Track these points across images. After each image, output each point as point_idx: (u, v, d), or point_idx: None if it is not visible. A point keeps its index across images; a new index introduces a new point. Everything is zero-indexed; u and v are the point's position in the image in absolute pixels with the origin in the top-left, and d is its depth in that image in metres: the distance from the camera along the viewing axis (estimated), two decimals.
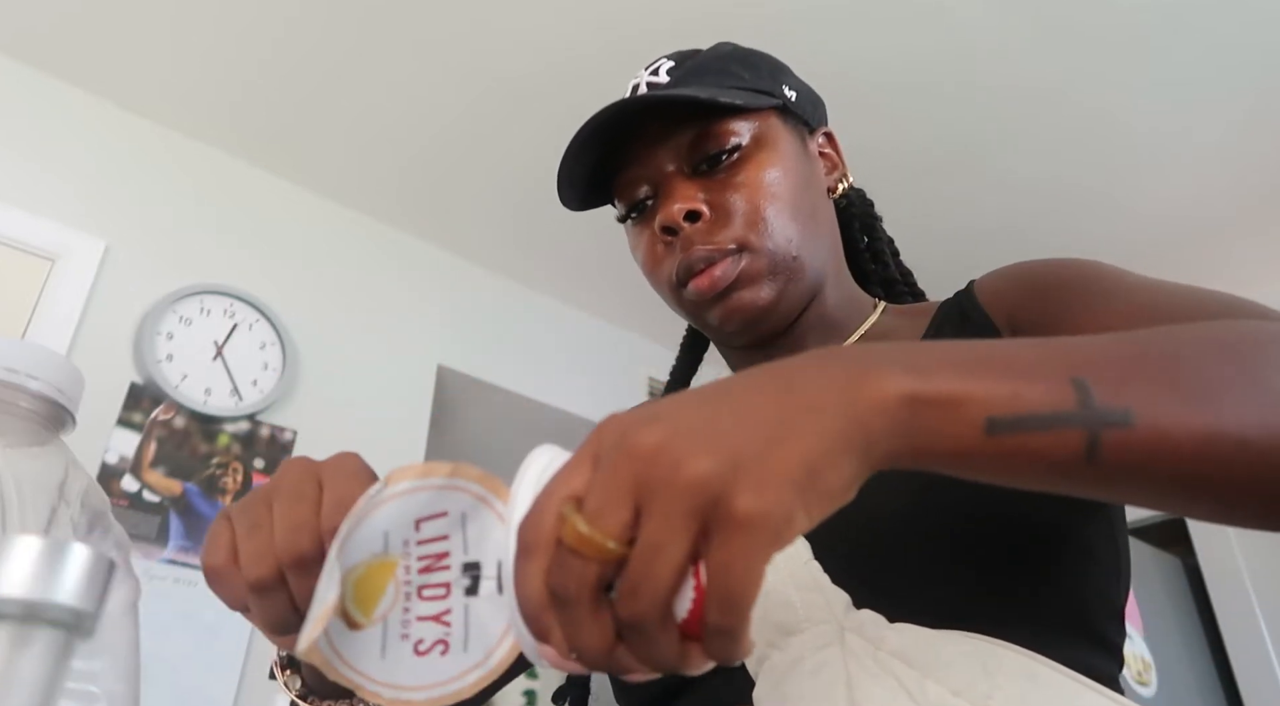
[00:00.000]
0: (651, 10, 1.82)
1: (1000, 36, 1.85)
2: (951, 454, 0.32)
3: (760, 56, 0.69)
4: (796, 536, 0.29)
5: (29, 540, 0.24)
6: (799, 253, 0.62)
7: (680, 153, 0.63)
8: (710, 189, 0.62)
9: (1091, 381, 0.33)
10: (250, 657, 1.76)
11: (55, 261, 1.84)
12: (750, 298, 0.61)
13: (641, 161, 0.64)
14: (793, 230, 0.62)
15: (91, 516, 0.48)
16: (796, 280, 0.63)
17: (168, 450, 1.84)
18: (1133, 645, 2.21)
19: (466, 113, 2.08)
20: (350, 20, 1.85)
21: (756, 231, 0.61)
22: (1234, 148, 2.12)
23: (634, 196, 0.66)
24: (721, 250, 0.60)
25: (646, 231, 0.66)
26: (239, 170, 2.22)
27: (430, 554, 0.37)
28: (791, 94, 0.68)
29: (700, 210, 0.61)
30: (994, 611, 0.48)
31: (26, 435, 0.46)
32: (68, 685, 0.34)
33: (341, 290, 2.28)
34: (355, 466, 0.41)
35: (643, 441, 0.29)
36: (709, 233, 0.61)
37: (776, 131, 0.65)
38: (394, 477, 0.36)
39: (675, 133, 0.63)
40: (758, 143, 0.63)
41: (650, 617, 0.28)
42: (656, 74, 0.66)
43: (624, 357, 2.80)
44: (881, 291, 0.75)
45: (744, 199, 0.61)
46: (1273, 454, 0.33)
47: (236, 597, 0.39)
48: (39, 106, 1.96)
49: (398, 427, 2.21)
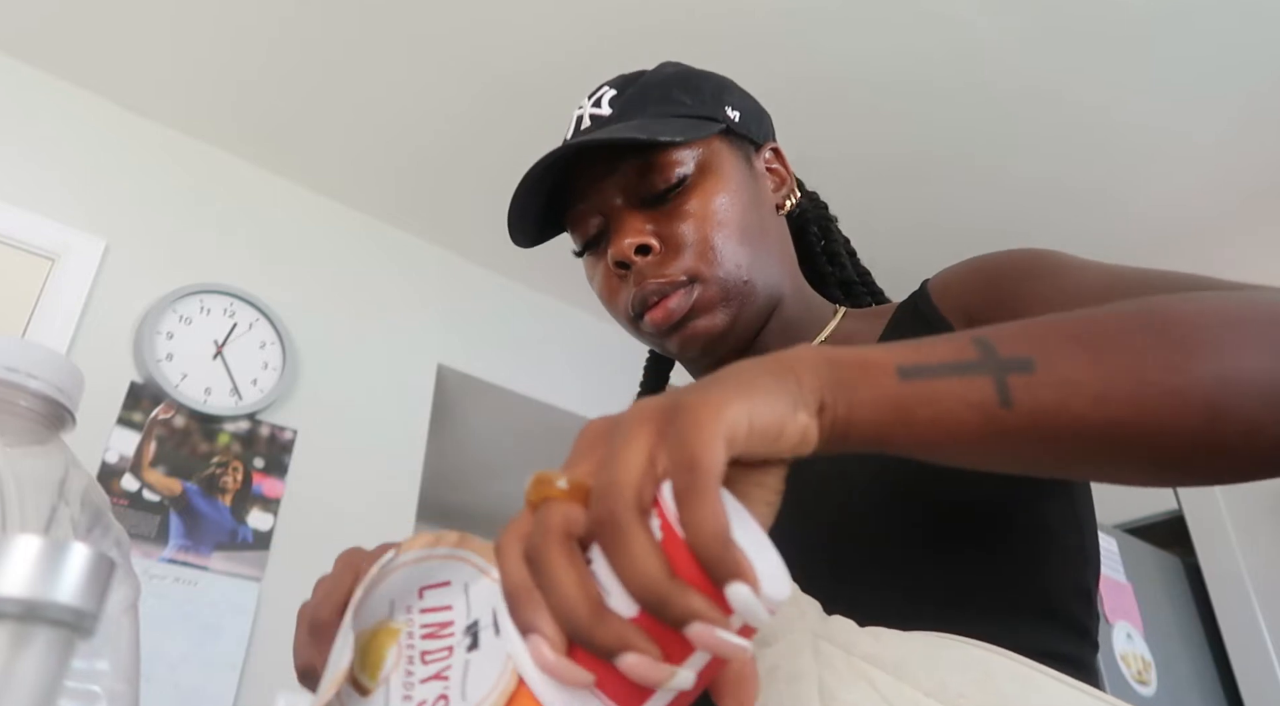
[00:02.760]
0: (647, 7, 1.82)
1: (997, 36, 1.85)
2: (873, 401, 0.34)
3: (703, 77, 0.69)
4: (746, 436, 0.30)
5: (29, 539, 0.24)
6: (750, 276, 0.63)
7: (627, 186, 0.63)
8: (659, 220, 0.63)
9: (994, 341, 0.36)
10: (250, 657, 1.75)
11: (55, 260, 1.84)
12: (706, 325, 0.62)
13: (590, 197, 0.65)
14: (742, 255, 0.62)
15: (91, 515, 0.48)
16: (750, 303, 0.63)
17: (168, 449, 1.84)
18: (1132, 644, 2.21)
19: (466, 111, 2.08)
20: (349, 19, 1.85)
21: (707, 261, 0.61)
22: (1233, 146, 2.12)
23: (587, 231, 0.66)
24: (673, 283, 0.61)
25: (601, 264, 0.66)
26: (240, 170, 2.22)
27: (433, 622, 0.37)
28: (735, 115, 0.68)
29: (650, 244, 0.62)
30: (956, 597, 0.50)
31: (26, 434, 0.46)
32: (68, 684, 0.34)
33: (342, 289, 2.28)
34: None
35: (600, 421, 0.34)
36: (660, 265, 0.62)
37: (721, 156, 0.65)
38: (405, 546, 0.37)
39: (620, 166, 0.63)
40: (702, 171, 0.63)
41: (621, 514, 0.28)
42: (599, 105, 0.66)
43: (624, 357, 2.80)
44: (840, 293, 0.75)
45: (693, 229, 0.62)
46: (1171, 410, 0.34)
47: None
48: (39, 105, 1.96)
49: (398, 427, 2.21)
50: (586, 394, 2.61)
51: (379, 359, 2.26)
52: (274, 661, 1.79)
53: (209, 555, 1.80)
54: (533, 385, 2.53)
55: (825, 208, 0.78)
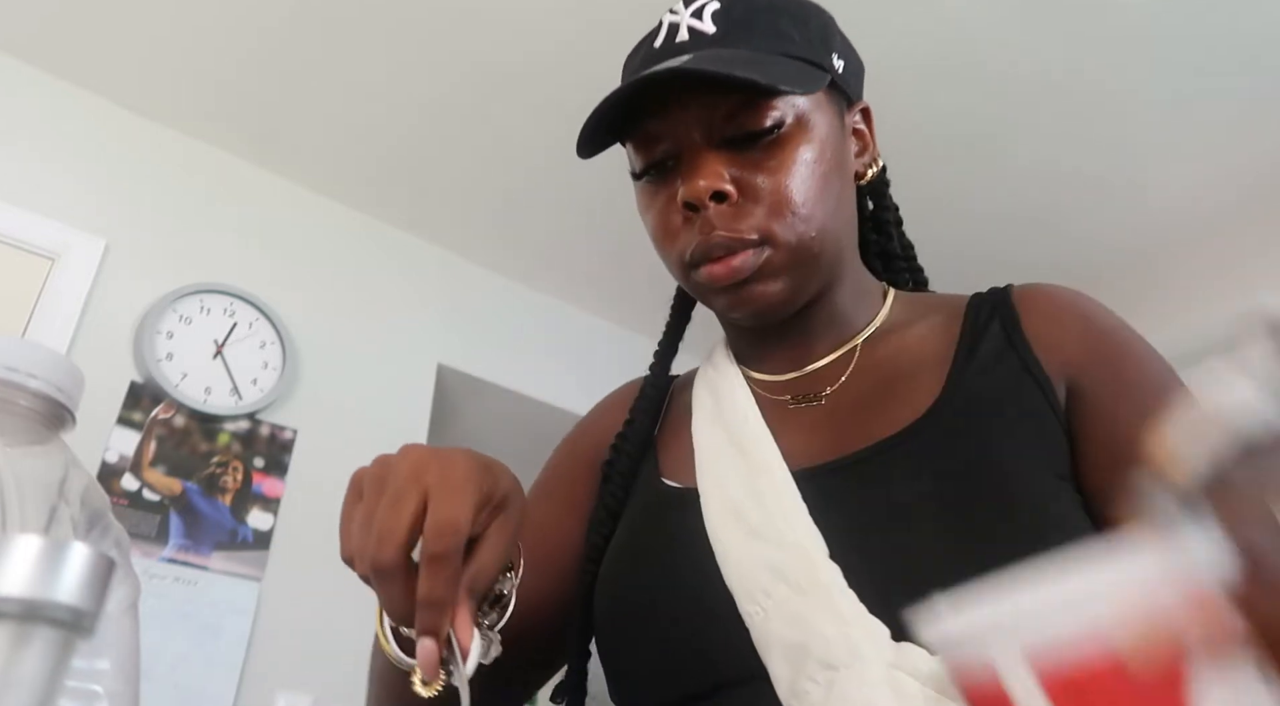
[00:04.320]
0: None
1: (1006, 20, 1.85)
2: None
3: (809, 8, 0.63)
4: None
5: (29, 539, 0.24)
6: (820, 248, 0.59)
7: (714, 121, 0.57)
8: (740, 166, 0.57)
9: None
10: (250, 657, 1.75)
11: (55, 260, 1.84)
12: (763, 291, 0.58)
13: (667, 119, 0.58)
14: (818, 223, 0.58)
15: (91, 515, 0.48)
16: (813, 276, 0.60)
17: (168, 449, 1.84)
18: None
19: (466, 111, 2.08)
20: (349, 18, 1.85)
21: (782, 222, 0.57)
22: (1245, 132, 2.11)
23: (652, 154, 0.60)
24: (743, 240, 0.57)
25: (662, 197, 0.60)
26: (240, 169, 2.22)
27: None
28: (839, 64, 0.62)
29: (727, 191, 0.56)
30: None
31: (26, 434, 0.46)
32: (68, 684, 0.34)
33: (342, 289, 2.28)
34: (462, 476, 0.43)
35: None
36: (733, 218, 0.57)
37: (819, 109, 0.60)
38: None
39: (711, 97, 0.57)
40: (799, 122, 0.58)
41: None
42: (700, 17, 0.59)
43: (624, 357, 2.80)
44: (879, 264, 0.72)
45: (774, 185, 0.57)
46: None
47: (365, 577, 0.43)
48: (39, 105, 1.95)
49: (397, 426, 2.21)
50: (586, 394, 2.60)
51: (379, 359, 2.26)
52: (274, 661, 1.79)
53: (209, 555, 1.80)
54: (533, 385, 2.53)
55: (884, 171, 0.72)
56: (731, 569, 0.52)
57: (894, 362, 0.61)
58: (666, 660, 0.55)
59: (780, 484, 0.55)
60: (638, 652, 0.57)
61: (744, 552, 0.52)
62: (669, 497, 0.61)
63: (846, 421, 0.59)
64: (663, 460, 0.66)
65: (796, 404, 0.63)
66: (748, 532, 0.53)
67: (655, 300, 0.71)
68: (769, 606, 0.49)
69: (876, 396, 0.60)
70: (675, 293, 0.74)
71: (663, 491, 0.63)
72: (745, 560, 0.52)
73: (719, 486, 0.57)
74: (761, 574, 0.51)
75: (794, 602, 0.49)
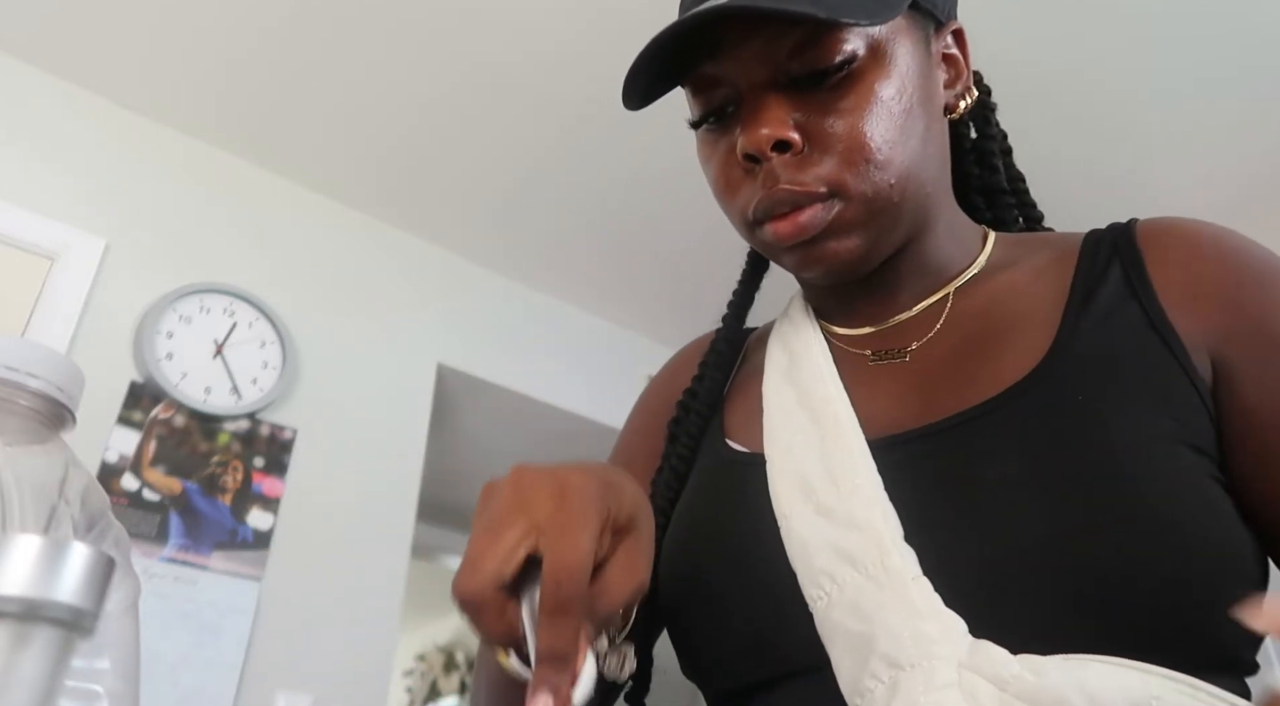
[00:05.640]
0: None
1: (1006, 19, 1.85)
2: None
3: None
4: None
5: (29, 538, 0.24)
6: (901, 197, 0.52)
7: (777, 59, 0.51)
8: (807, 108, 0.51)
9: None
10: (250, 657, 1.76)
11: (55, 260, 1.84)
12: (836, 248, 0.52)
13: (726, 60, 0.52)
14: (898, 169, 0.51)
15: (91, 515, 0.48)
16: (894, 228, 0.53)
17: (168, 448, 1.84)
18: None
19: (466, 111, 2.08)
20: (349, 18, 1.85)
21: (855, 172, 0.50)
22: (1245, 131, 2.11)
23: (711, 99, 0.54)
24: (810, 194, 0.50)
25: (723, 146, 0.54)
26: (240, 168, 2.22)
27: None
28: None
29: (791, 139, 0.50)
30: (1132, 646, 0.40)
31: (26, 433, 0.46)
32: (68, 684, 0.34)
33: (342, 289, 2.28)
34: (579, 508, 0.37)
35: None
36: (799, 168, 0.50)
37: (898, 37, 0.53)
38: None
39: (772, 31, 0.50)
40: (874, 54, 0.51)
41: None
42: None
43: (624, 357, 2.80)
44: (982, 202, 0.64)
45: (846, 128, 0.50)
46: None
47: None
48: (39, 105, 1.95)
49: (397, 426, 2.21)
50: (586, 394, 2.61)
51: (379, 359, 2.26)
52: (274, 661, 1.79)
53: (209, 554, 1.80)
54: (533, 385, 2.53)
55: (988, 93, 0.63)
56: (796, 549, 0.47)
57: (991, 315, 0.54)
58: (725, 646, 0.50)
59: (854, 454, 0.49)
60: (697, 635, 0.53)
61: (810, 531, 0.47)
62: (734, 463, 0.56)
63: (934, 382, 0.53)
64: (729, 421, 0.61)
65: (878, 360, 0.57)
66: (815, 508, 0.48)
67: (655, 300, 0.70)
68: (833, 592, 0.45)
69: (970, 354, 0.53)
70: (747, 258, 0.69)
71: (728, 456, 0.57)
72: (811, 540, 0.47)
73: (787, 454, 0.52)
74: (828, 556, 0.46)
75: (862, 589, 0.44)
